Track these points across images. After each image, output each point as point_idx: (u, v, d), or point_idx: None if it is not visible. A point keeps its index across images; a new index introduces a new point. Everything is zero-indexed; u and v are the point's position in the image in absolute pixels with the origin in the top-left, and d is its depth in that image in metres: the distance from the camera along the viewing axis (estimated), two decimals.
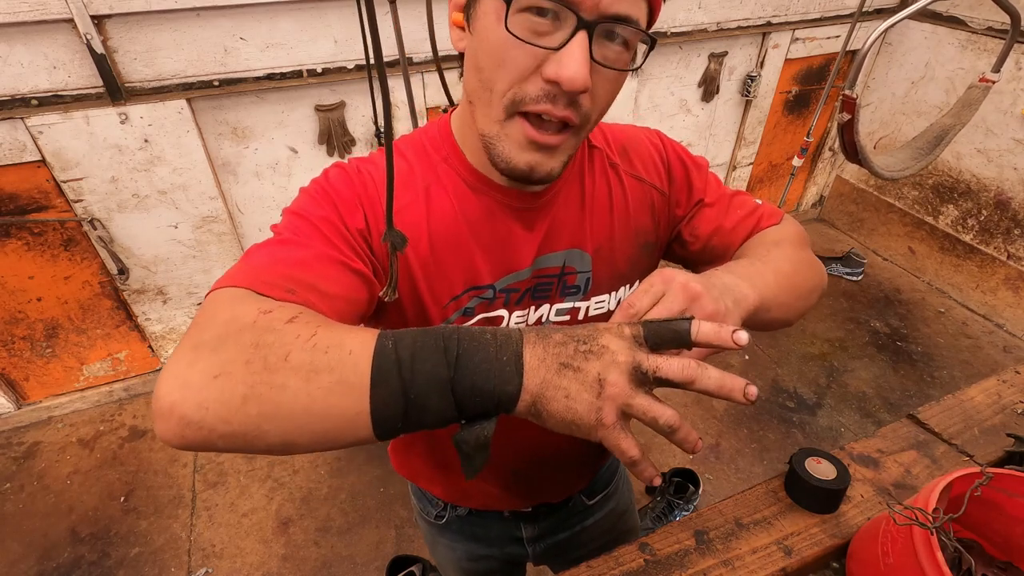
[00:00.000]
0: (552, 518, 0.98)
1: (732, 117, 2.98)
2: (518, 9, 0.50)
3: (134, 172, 1.90)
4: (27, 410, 2.26)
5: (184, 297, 2.24)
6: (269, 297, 0.48)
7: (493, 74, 0.54)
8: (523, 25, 0.51)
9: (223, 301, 0.47)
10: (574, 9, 0.49)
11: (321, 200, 0.60)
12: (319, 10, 1.86)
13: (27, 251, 1.94)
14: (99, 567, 1.81)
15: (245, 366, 0.41)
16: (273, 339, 0.42)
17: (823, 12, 2.75)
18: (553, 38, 0.51)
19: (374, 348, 0.42)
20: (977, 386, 0.96)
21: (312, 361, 0.41)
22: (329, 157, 2.19)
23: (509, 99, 0.54)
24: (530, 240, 0.67)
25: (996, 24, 2.58)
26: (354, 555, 1.85)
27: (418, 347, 0.42)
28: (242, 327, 0.43)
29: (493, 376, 0.41)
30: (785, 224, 0.76)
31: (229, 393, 0.40)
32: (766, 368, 2.57)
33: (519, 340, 0.43)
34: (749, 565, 0.69)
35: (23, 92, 1.67)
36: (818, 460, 0.77)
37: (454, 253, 0.64)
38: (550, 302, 0.71)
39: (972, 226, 2.90)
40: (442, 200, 0.64)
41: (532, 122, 0.55)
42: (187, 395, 0.40)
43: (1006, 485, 0.64)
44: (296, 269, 0.51)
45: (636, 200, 0.73)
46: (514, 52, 0.52)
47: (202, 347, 0.42)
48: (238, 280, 0.49)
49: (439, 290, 0.65)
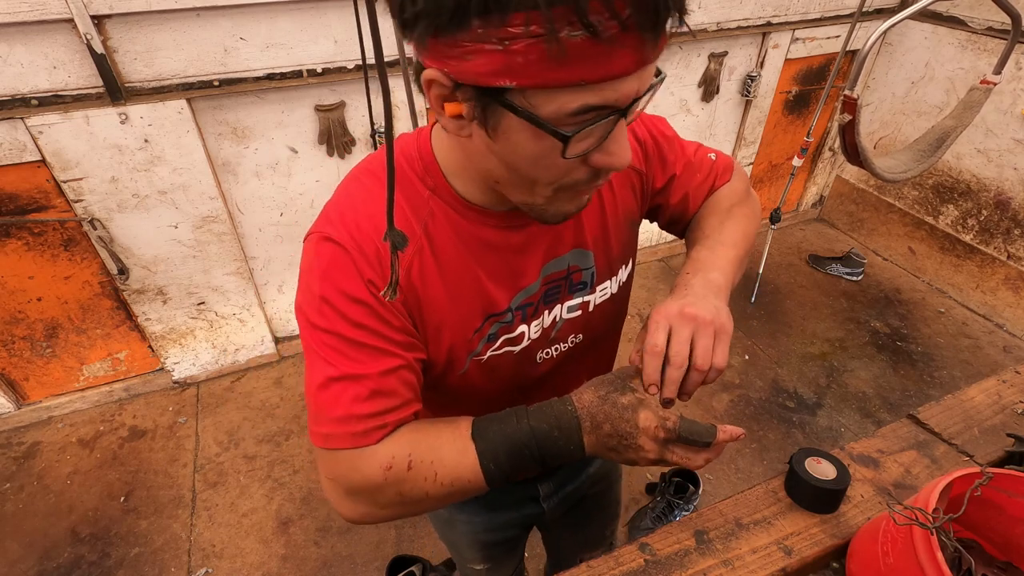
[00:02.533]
0: (565, 468, 1.02)
1: (732, 117, 2.98)
2: (581, 132, 0.48)
3: (134, 172, 1.90)
4: (27, 410, 2.26)
5: (184, 297, 2.24)
6: (375, 445, 0.60)
7: (535, 173, 0.54)
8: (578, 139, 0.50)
9: (344, 464, 0.61)
10: (616, 110, 0.48)
11: (341, 304, 0.59)
12: (319, 10, 1.86)
13: (27, 251, 1.94)
14: (99, 567, 1.81)
15: (400, 504, 0.62)
16: (409, 487, 0.61)
17: (823, 12, 2.75)
18: (593, 137, 0.50)
19: (483, 474, 0.61)
20: (977, 386, 0.96)
21: (445, 493, 0.62)
22: (329, 157, 2.19)
23: (555, 188, 0.55)
24: (533, 256, 0.69)
25: (996, 24, 2.58)
26: (354, 555, 1.85)
27: (514, 459, 0.61)
28: (379, 485, 0.60)
29: (566, 459, 0.62)
30: (733, 181, 0.84)
31: (396, 513, 0.64)
32: (766, 368, 2.57)
33: (579, 436, 0.61)
34: (749, 565, 0.69)
35: (23, 92, 1.67)
36: (818, 460, 0.77)
37: (468, 289, 0.66)
38: (560, 302, 0.74)
39: (972, 226, 2.90)
40: (443, 239, 0.64)
41: (580, 189, 0.57)
42: (368, 516, 0.64)
43: (1006, 485, 0.64)
44: (371, 404, 0.60)
45: (620, 186, 0.75)
46: (560, 160, 0.51)
47: (357, 495, 0.62)
48: (338, 441, 0.60)
49: (462, 327, 0.67)
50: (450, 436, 0.62)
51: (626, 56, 0.44)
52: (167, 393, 2.42)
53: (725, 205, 0.81)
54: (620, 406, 0.60)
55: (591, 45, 0.42)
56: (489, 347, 0.70)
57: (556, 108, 0.46)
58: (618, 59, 0.44)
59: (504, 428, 0.61)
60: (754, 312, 2.88)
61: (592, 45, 0.42)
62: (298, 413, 2.33)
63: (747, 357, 2.63)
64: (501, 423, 0.62)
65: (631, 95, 0.48)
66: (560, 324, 0.75)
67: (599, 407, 0.61)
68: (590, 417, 0.61)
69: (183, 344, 2.37)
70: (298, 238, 2.35)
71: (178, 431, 2.25)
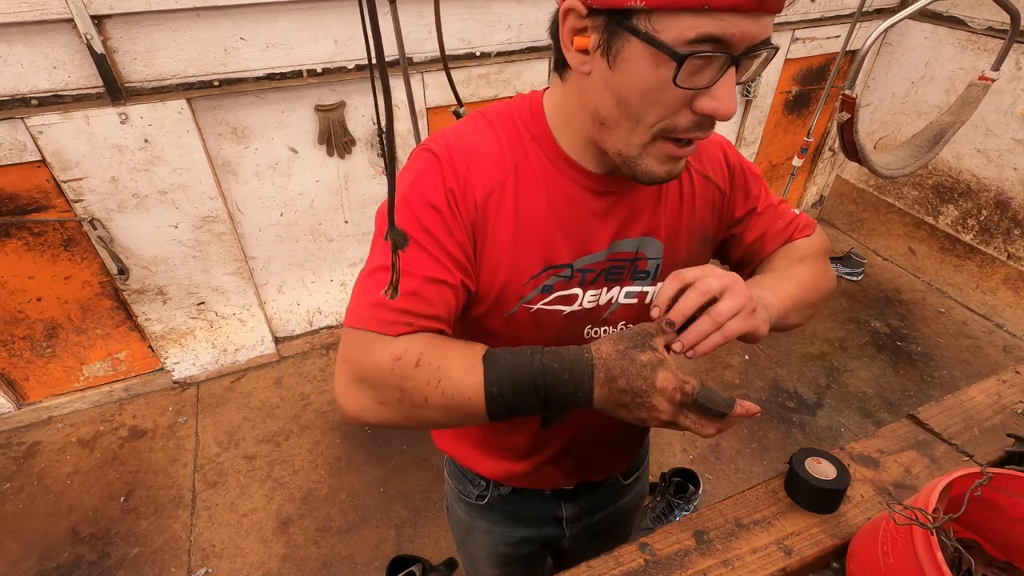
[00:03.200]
0: (591, 496, 1.00)
1: (732, 117, 2.98)
2: (693, 57, 0.52)
3: (134, 172, 1.90)
4: (27, 410, 2.26)
5: (184, 297, 2.24)
6: (393, 337, 0.61)
7: (642, 109, 0.57)
8: (690, 70, 0.53)
9: (362, 346, 0.62)
10: (729, 51, 0.52)
11: (418, 206, 0.64)
12: (319, 10, 1.86)
13: (27, 251, 1.94)
14: (99, 567, 1.81)
15: (399, 402, 0.61)
16: (411, 385, 0.60)
17: (823, 12, 2.75)
18: (703, 75, 0.54)
19: (485, 398, 0.60)
20: (977, 386, 0.96)
21: (444, 404, 0.60)
22: (329, 157, 2.19)
23: (659, 129, 0.58)
24: (608, 225, 0.70)
25: (996, 24, 2.58)
26: (354, 555, 1.85)
27: (518, 393, 0.60)
28: (384, 373, 0.60)
29: (571, 405, 0.61)
30: (814, 237, 0.85)
31: (392, 414, 0.62)
32: (766, 368, 2.57)
33: (589, 385, 0.59)
34: (749, 565, 0.69)
35: (23, 92, 1.67)
36: (818, 460, 0.77)
37: (536, 234, 0.68)
38: (621, 284, 0.75)
39: (972, 226, 2.90)
40: (529, 181, 0.67)
41: (676, 142, 0.59)
42: (365, 412, 0.63)
43: (1006, 485, 0.64)
44: (408, 301, 0.62)
45: (702, 197, 0.77)
46: (669, 93, 0.55)
47: (362, 382, 0.62)
48: (365, 322, 0.62)
49: (520, 270, 0.68)
50: (463, 351, 0.62)
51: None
52: (167, 393, 2.42)
53: (800, 254, 0.81)
54: (639, 363, 0.58)
55: None
56: (541, 298, 0.70)
57: (676, 34, 0.50)
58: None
59: (515, 359, 0.61)
60: None
61: None
62: (298, 413, 2.33)
63: (747, 357, 2.63)
64: (514, 354, 0.61)
65: (748, 39, 0.51)
66: (615, 307, 0.76)
67: (617, 361, 0.59)
68: (605, 369, 0.59)
69: (183, 344, 2.37)
70: (298, 238, 2.35)
71: (178, 431, 2.25)
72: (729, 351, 2.65)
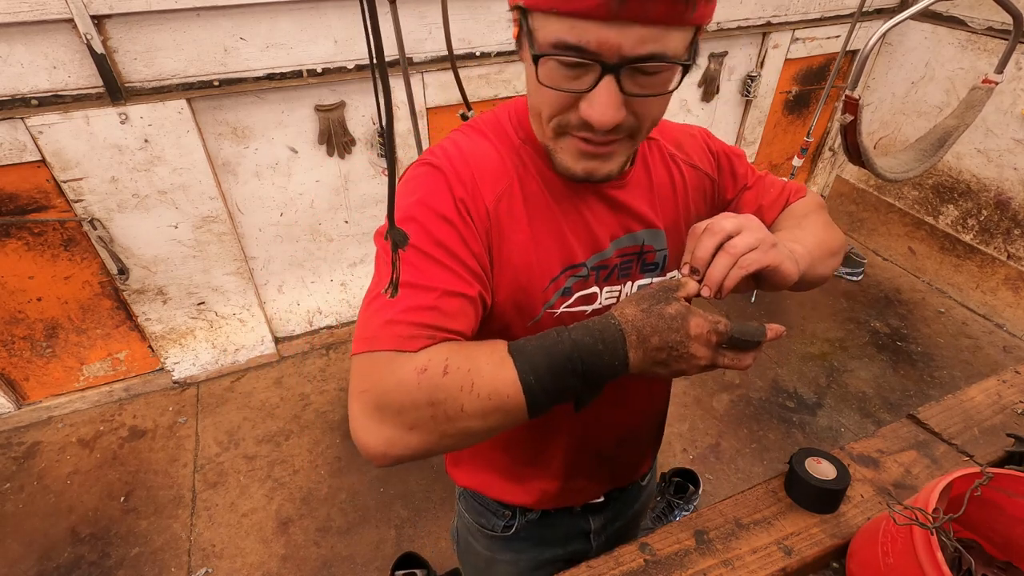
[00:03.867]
0: (616, 504, 1.01)
1: (732, 117, 2.98)
2: (548, 59, 0.54)
3: (134, 172, 1.90)
4: (27, 410, 2.26)
5: (184, 297, 2.24)
6: (414, 352, 0.56)
7: (538, 104, 0.60)
8: (555, 72, 0.55)
9: (380, 367, 0.56)
10: (597, 60, 0.51)
11: (427, 220, 0.61)
12: (319, 10, 1.86)
13: (27, 251, 1.94)
14: (99, 567, 1.81)
15: (431, 420, 0.54)
16: (443, 396, 0.54)
17: (823, 12, 2.75)
18: (583, 81, 0.54)
19: (523, 389, 0.55)
20: (977, 386, 0.96)
21: (482, 408, 0.54)
22: (329, 157, 2.19)
23: (555, 124, 0.60)
24: (609, 222, 0.71)
25: (996, 24, 2.58)
26: (354, 555, 1.85)
27: (556, 375, 0.55)
28: (410, 390, 0.54)
29: (609, 376, 0.57)
30: (808, 197, 0.86)
31: (427, 437, 0.55)
32: (766, 368, 2.57)
33: (624, 350, 0.56)
34: (749, 565, 0.69)
35: (23, 92, 1.67)
36: (818, 460, 0.77)
37: (551, 235, 0.67)
38: (632, 279, 0.76)
39: (972, 226, 2.90)
40: (531, 184, 0.67)
41: (584, 139, 0.59)
42: (393, 444, 0.55)
43: (1006, 485, 0.64)
44: (426, 315, 0.58)
45: (693, 186, 0.79)
46: (551, 93, 0.56)
47: (385, 409, 0.54)
48: (382, 343, 0.56)
49: (540, 273, 0.67)
50: (488, 349, 0.58)
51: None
52: (167, 393, 2.42)
53: (802, 211, 0.82)
54: (668, 316, 0.56)
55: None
56: (563, 301, 0.70)
57: (543, 35, 0.53)
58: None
59: (544, 342, 0.57)
60: (754, 312, 2.88)
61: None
62: (298, 413, 2.33)
63: None
64: (541, 338, 0.58)
65: (613, 48, 0.50)
66: None
67: (645, 320, 0.56)
68: (636, 331, 0.56)
69: (183, 344, 2.37)
70: (298, 238, 2.35)
71: (178, 431, 2.25)
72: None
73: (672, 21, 0.50)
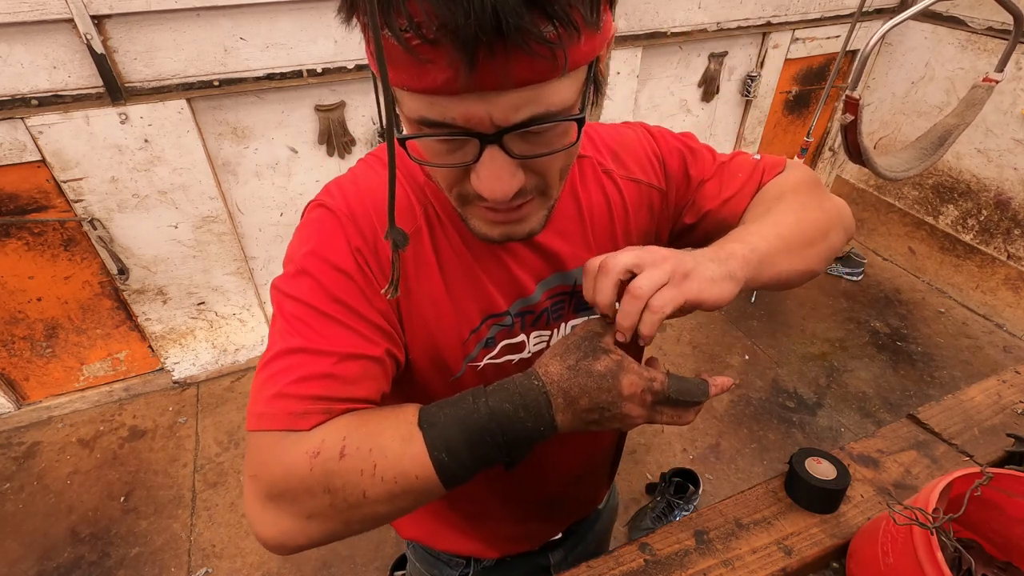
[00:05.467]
0: (575, 536, 0.97)
1: (732, 117, 2.98)
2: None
3: (134, 172, 1.90)
4: (27, 410, 2.26)
5: (184, 297, 2.24)
6: (306, 431, 0.50)
7: (432, 174, 0.54)
8: (431, 146, 0.48)
9: (268, 451, 0.50)
10: (471, 134, 0.44)
11: (322, 274, 0.54)
12: (319, 10, 1.86)
13: (27, 251, 1.94)
14: (99, 567, 1.81)
15: (331, 508, 0.49)
16: (341, 483, 0.48)
17: (823, 12, 2.75)
18: (465, 152, 0.47)
19: (434, 468, 0.49)
20: (977, 386, 0.96)
21: (388, 492, 0.49)
22: (329, 157, 2.19)
23: (455, 195, 0.53)
24: (533, 264, 0.64)
25: (996, 24, 2.58)
26: (354, 555, 1.85)
27: (473, 447, 0.49)
28: (303, 477, 0.48)
29: (537, 440, 0.52)
30: (787, 172, 0.73)
31: (326, 527, 0.50)
32: (766, 368, 2.57)
33: (549, 415, 0.51)
34: (749, 565, 0.69)
35: (23, 92, 1.67)
36: (818, 460, 0.77)
37: (466, 283, 0.61)
38: (565, 319, 0.69)
39: (972, 226, 2.90)
40: (440, 227, 0.60)
41: (485, 207, 0.52)
42: (291, 535, 0.50)
43: (1006, 485, 0.64)
44: (321, 385, 0.51)
45: (634, 203, 0.69)
46: (440, 169, 0.50)
47: (279, 499, 0.49)
48: (269, 422, 0.50)
49: (456, 325, 0.61)
50: (393, 421, 0.51)
51: (441, 72, 0.40)
52: (167, 393, 2.42)
53: (774, 193, 0.70)
54: (597, 374, 0.50)
55: (402, 52, 0.39)
56: (487, 352, 0.64)
57: (407, 112, 0.45)
58: (432, 72, 0.40)
59: (457, 411, 0.50)
60: (754, 312, 2.88)
61: (404, 52, 0.39)
62: None
63: (747, 357, 2.63)
64: (453, 406, 0.51)
65: (483, 120, 0.43)
66: None
67: (572, 379, 0.50)
68: (562, 393, 0.51)
69: (183, 344, 2.37)
70: None
71: (178, 431, 2.25)
72: (729, 351, 2.65)
73: (543, 77, 0.41)
